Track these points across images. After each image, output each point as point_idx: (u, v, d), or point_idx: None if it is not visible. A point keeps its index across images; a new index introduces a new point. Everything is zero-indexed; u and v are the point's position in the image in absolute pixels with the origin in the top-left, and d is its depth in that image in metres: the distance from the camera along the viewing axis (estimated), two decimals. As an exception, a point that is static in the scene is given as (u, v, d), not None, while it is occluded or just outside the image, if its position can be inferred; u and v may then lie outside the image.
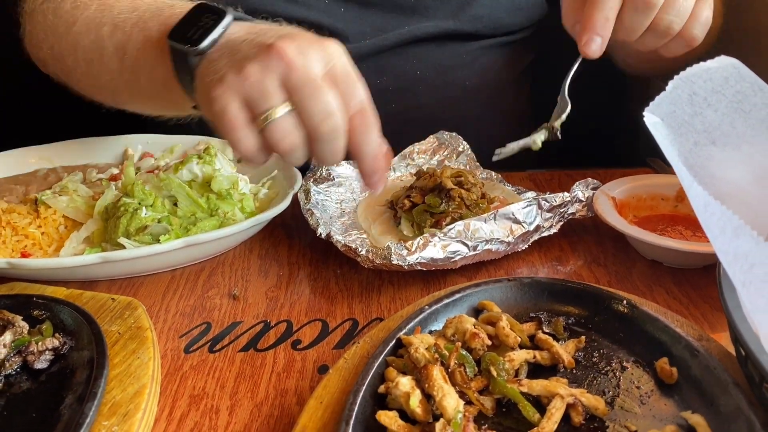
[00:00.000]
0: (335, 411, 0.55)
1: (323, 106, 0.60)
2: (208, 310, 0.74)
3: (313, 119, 0.60)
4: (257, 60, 0.60)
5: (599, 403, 0.55)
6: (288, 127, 0.60)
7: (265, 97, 0.60)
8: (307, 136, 0.61)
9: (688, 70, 0.54)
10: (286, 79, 0.59)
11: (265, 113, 0.60)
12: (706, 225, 0.48)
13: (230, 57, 0.63)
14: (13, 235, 0.81)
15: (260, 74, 0.59)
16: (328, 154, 0.63)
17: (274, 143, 0.61)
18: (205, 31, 0.66)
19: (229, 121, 0.61)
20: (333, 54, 0.62)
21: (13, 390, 0.60)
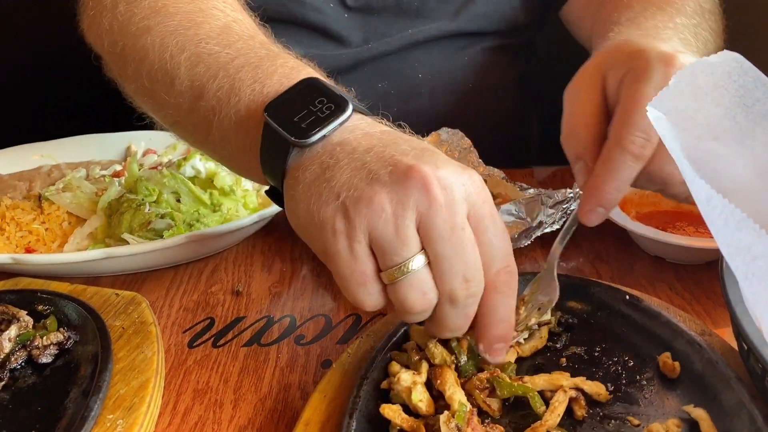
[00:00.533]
0: (339, 405, 0.56)
1: (469, 267, 0.49)
2: (211, 306, 0.74)
3: (453, 280, 0.48)
4: (393, 188, 0.47)
5: (600, 389, 0.56)
6: (426, 284, 0.49)
7: (403, 244, 0.47)
8: None
9: (690, 65, 0.54)
10: (425, 223, 0.47)
11: (400, 266, 0.47)
12: (709, 218, 0.48)
13: (353, 172, 0.49)
14: (17, 231, 0.81)
15: (398, 210, 0.47)
16: (455, 322, 0.51)
17: (402, 300, 0.49)
18: (316, 121, 0.52)
19: (355, 271, 0.49)
20: (477, 188, 0.50)
21: (18, 384, 0.60)
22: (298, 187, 0.52)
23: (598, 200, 0.60)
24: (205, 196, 0.82)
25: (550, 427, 0.53)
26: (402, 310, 0.50)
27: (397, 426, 0.52)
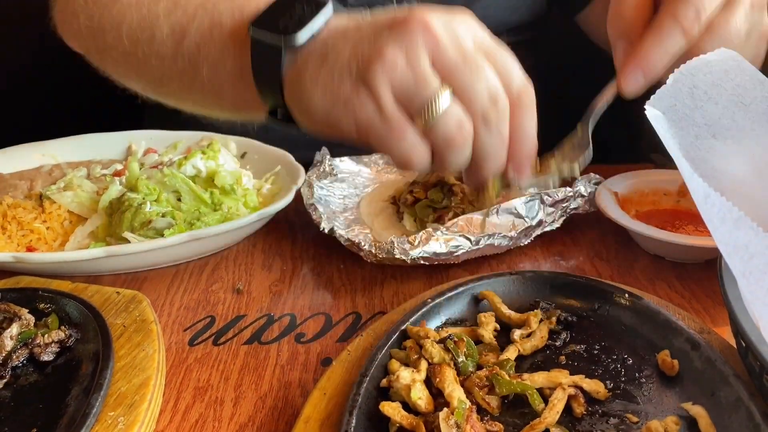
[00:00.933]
0: (339, 402, 0.56)
1: (490, 87, 0.50)
2: (212, 304, 0.74)
3: (479, 104, 0.50)
4: (398, 40, 0.48)
5: (599, 387, 0.56)
6: (459, 114, 0.50)
7: (425, 84, 0.49)
8: None
9: (688, 63, 0.54)
10: (439, 58, 0.49)
11: (430, 108, 0.49)
12: (707, 216, 0.48)
13: (354, 45, 0.51)
14: (18, 230, 0.81)
15: (409, 56, 0.48)
16: (494, 146, 0.53)
17: (446, 140, 0.50)
18: (299, 20, 0.54)
19: (392, 126, 0.49)
20: (475, 25, 0.53)
21: (20, 382, 0.61)
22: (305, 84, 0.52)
23: (641, 65, 0.59)
24: (205, 195, 0.82)
25: (549, 425, 0.53)
26: (447, 149, 0.51)
27: (396, 423, 0.53)
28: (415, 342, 0.60)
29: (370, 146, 0.53)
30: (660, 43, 0.58)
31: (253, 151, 0.99)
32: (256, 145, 1.00)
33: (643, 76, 0.59)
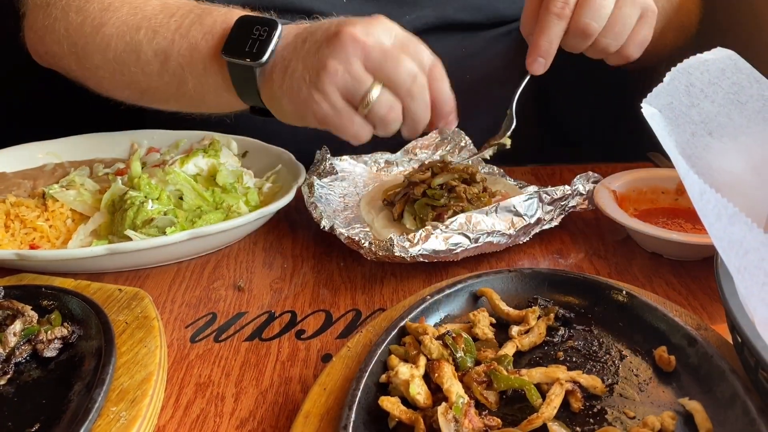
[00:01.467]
0: (338, 397, 0.56)
1: (408, 71, 0.67)
2: (213, 301, 0.75)
3: (404, 86, 0.68)
4: (335, 53, 0.66)
5: (596, 382, 0.56)
6: (389, 101, 0.68)
7: (360, 83, 0.66)
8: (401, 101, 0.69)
9: (685, 62, 0.54)
10: (367, 60, 0.66)
11: (366, 98, 0.67)
12: (702, 213, 0.49)
13: (303, 60, 0.68)
14: (21, 227, 0.82)
15: (346, 64, 0.66)
16: (420, 111, 0.71)
17: (381, 120, 0.69)
18: (261, 43, 0.71)
19: (342, 117, 0.68)
20: (389, 25, 0.69)
21: (24, 378, 0.61)
22: (275, 91, 0.71)
23: (538, 52, 0.81)
24: (207, 194, 0.83)
25: (547, 419, 0.53)
26: (383, 124, 0.70)
27: (395, 418, 0.53)
28: (414, 338, 0.61)
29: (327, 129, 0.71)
30: (545, 32, 0.79)
31: (254, 150, 1.00)
32: (257, 144, 1.00)
33: (543, 59, 0.81)
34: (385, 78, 0.67)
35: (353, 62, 0.66)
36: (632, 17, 0.81)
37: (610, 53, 0.84)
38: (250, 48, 0.71)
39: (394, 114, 0.69)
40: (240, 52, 0.72)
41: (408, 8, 1.07)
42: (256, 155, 1.00)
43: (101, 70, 0.86)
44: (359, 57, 0.66)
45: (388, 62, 0.67)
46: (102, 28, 0.83)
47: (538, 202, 0.82)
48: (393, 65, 0.67)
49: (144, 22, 0.81)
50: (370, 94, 0.67)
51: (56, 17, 0.87)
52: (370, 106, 0.68)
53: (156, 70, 0.80)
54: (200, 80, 0.78)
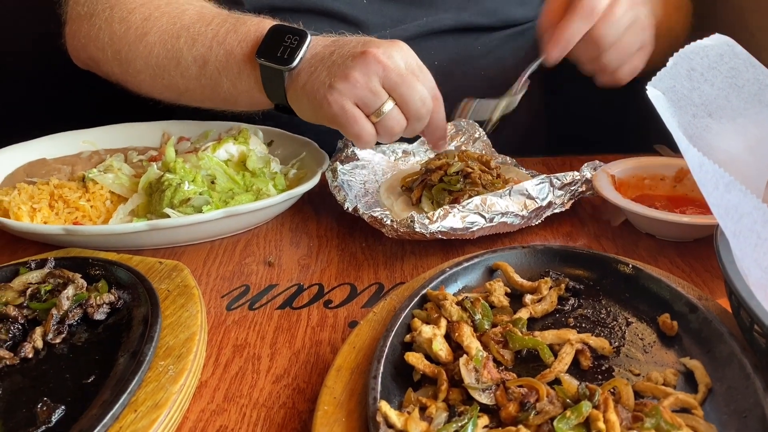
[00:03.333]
0: (367, 354, 0.62)
1: (420, 96, 0.78)
2: (246, 275, 0.80)
3: (414, 106, 0.79)
4: (358, 68, 0.76)
5: (605, 344, 0.61)
6: (397, 116, 0.79)
7: (376, 96, 0.77)
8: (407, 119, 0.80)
9: (686, 48, 0.59)
10: (385, 79, 0.77)
11: (379, 110, 0.78)
12: (701, 183, 0.54)
13: (328, 68, 0.79)
14: (64, 207, 0.87)
15: (366, 78, 0.76)
16: (419, 129, 0.83)
17: (388, 130, 0.80)
18: (291, 50, 0.81)
19: (351, 117, 0.77)
20: (407, 52, 0.80)
21: (76, 338, 0.67)
22: (298, 92, 0.81)
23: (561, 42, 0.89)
24: (238, 177, 0.89)
25: (559, 373, 0.58)
26: (388, 134, 0.80)
27: (420, 371, 0.58)
28: (435, 304, 0.66)
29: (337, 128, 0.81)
30: (569, 26, 0.87)
31: (280, 140, 1.05)
32: (281, 134, 1.06)
33: (563, 49, 0.90)
34: (399, 97, 0.78)
35: (373, 78, 0.76)
36: (635, 45, 0.91)
37: (607, 72, 0.94)
38: (282, 54, 0.81)
39: (399, 128, 0.80)
40: (272, 56, 0.81)
41: (426, 10, 1.13)
42: (280, 144, 1.05)
43: (142, 74, 0.95)
44: (379, 75, 0.76)
45: (404, 85, 0.77)
46: (145, 37, 0.92)
47: (549, 186, 0.87)
48: (407, 88, 0.77)
49: (183, 31, 0.90)
50: (384, 106, 0.77)
51: (100, 27, 0.96)
52: (382, 117, 0.78)
53: (195, 75, 0.90)
54: (234, 82, 0.87)
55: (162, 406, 0.56)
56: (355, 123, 0.78)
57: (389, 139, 0.82)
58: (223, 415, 0.59)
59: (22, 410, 0.57)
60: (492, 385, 0.55)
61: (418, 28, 1.12)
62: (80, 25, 1.00)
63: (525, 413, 0.52)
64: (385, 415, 0.52)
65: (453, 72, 1.16)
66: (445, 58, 1.16)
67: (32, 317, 0.68)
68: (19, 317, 0.67)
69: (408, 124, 0.81)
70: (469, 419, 0.51)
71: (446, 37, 1.15)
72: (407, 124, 0.81)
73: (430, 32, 1.13)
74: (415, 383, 0.59)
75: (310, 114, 0.83)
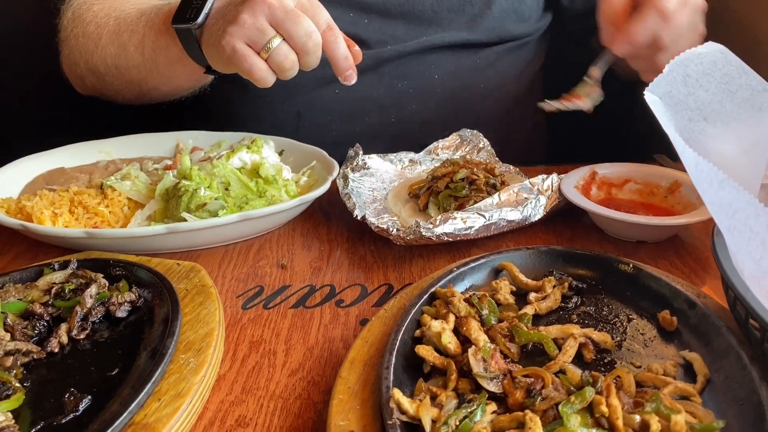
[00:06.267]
0: (379, 348, 0.64)
1: (305, 29, 0.82)
2: (260, 276, 0.83)
3: (300, 40, 0.82)
4: (245, 10, 0.81)
5: (607, 338, 0.64)
6: (285, 50, 0.83)
7: (263, 33, 0.81)
8: (297, 54, 0.84)
9: (682, 55, 0.63)
10: (271, 16, 0.81)
11: (266, 45, 0.82)
12: (697, 181, 0.57)
13: (223, 17, 0.84)
14: (84, 213, 0.90)
15: (253, 18, 0.81)
16: (313, 62, 0.85)
17: (278, 64, 0.83)
18: (197, 9, 0.88)
19: (241, 55, 0.82)
20: None
21: (99, 335, 0.69)
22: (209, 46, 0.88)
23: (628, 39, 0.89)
24: (251, 184, 0.92)
25: (563, 365, 0.61)
26: (279, 70, 0.84)
27: (430, 363, 0.61)
28: (443, 301, 0.69)
29: (236, 71, 0.85)
30: (642, 21, 0.87)
31: (290, 149, 1.09)
32: (292, 144, 1.09)
33: (630, 45, 0.89)
34: (285, 32, 0.82)
35: (260, 18, 0.81)
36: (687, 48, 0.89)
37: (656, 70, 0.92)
38: (189, 14, 0.88)
39: (289, 62, 0.83)
40: (182, 20, 0.88)
41: (426, 29, 1.17)
42: (291, 153, 1.09)
43: (107, 76, 1.05)
44: (265, 14, 0.81)
45: (288, 20, 0.81)
46: (99, 41, 1.02)
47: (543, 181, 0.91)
48: (292, 23, 0.81)
49: (124, 26, 1.00)
50: (271, 42, 0.81)
51: (72, 46, 1.07)
52: (270, 53, 0.82)
53: (139, 61, 1.00)
54: (166, 56, 0.97)
55: (184, 395, 0.59)
56: (245, 60, 0.82)
57: (283, 74, 0.85)
58: (242, 406, 0.62)
59: (51, 400, 0.60)
60: (499, 374, 0.58)
61: (420, 45, 1.16)
62: (63, 50, 1.11)
63: (531, 399, 0.54)
64: (398, 402, 0.54)
65: (453, 84, 1.20)
66: (445, 72, 1.20)
67: (57, 315, 0.71)
68: (45, 314, 0.70)
69: (300, 58, 0.84)
70: (478, 405, 0.54)
71: (447, 53, 1.19)
72: (299, 59, 0.84)
73: (432, 48, 1.17)
74: (425, 375, 0.61)
75: (217, 63, 0.89)
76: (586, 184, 0.96)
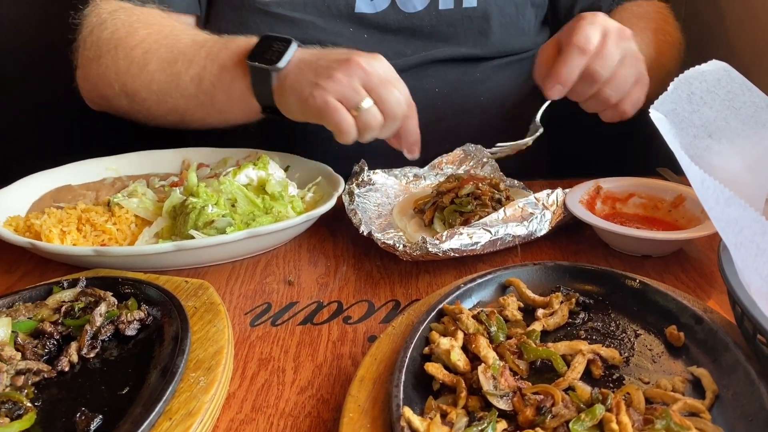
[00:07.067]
0: (388, 365, 0.65)
1: (396, 97, 0.87)
2: (267, 293, 0.84)
3: (390, 106, 0.87)
4: (342, 70, 0.85)
5: (615, 354, 0.64)
6: (375, 112, 0.87)
7: (356, 93, 0.85)
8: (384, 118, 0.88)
9: (686, 73, 0.63)
10: (366, 80, 0.86)
11: (358, 105, 0.85)
12: (703, 198, 0.57)
13: (314, 70, 0.87)
14: (92, 230, 0.91)
15: (348, 78, 0.85)
16: (392, 129, 0.91)
17: (366, 123, 0.87)
18: (279, 54, 0.90)
19: (333, 108, 0.85)
20: (385, 64, 0.89)
21: (108, 353, 0.70)
22: (285, 90, 0.89)
23: (557, 80, 0.93)
24: (258, 200, 0.92)
25: (572, 382, 0.61)
26: (365, 128, 0.87)
27: (439, 381, 0.61)
28: (451, 318, 0.69)
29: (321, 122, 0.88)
30: (565, 62, 0.92)
31: (296, 165, 1.10)
32: (297, 160, 1.10)
33: (562, 86, 0.94)
34: (377, 97, 0.86)
35: (354, 79, 0.85)
36: (630, 77, 0.95)
37: (610, 105, 0.97)
38: (270, 56, 0.90)
39: (376, 122, 0.87)
40: (261, 59, 0.90)
41: (425, 42, 1.19)
42: (297, 169, 1.09)
43: (148, 101, 1.04)
44: (360, 77, 0.85)
45: (382, 87, 0.86)
46: (146, 67, 1.02)
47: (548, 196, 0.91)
48: (385, 90, 0.86)
49: (179, 56, 1.00)
50: (363, 103, 0.85)
51: (107, 66, 1.05)
52: (361, 112, 0.86)
53: (193, 92, 0.99)
54: (227, 91, 0.97)
55: (195, 414, 0.59)
56: (336, 113, 0.85)
57: (366, 134, 0.88)
58: (252, 424, 0.62)
59: (62, 420, 0.60)
60: (509, 392, 0.58)
61: (419, 59, 1.18)
62: (90, 67, 1.08)
63: (542, 417, 0.54)
64: (408, 420, 0.54)
65: (452, 97, 1.21)
66: (444, 85, 1.21)
67: (66, 333, 0.71)
68: (55, 333, 0.70)
69: (384, 123, 0.88)
70: (489, 423, 0.54)
71: (447, 66, 1.21)
72: (384, 123, 0.88)
73: (431, 62, 1.18)
74: (435, 392, 0.62)
75: (296, 110, 0.90)
76: (591, 198, 0.96)
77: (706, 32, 1.23)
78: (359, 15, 1.15)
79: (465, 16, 1.19)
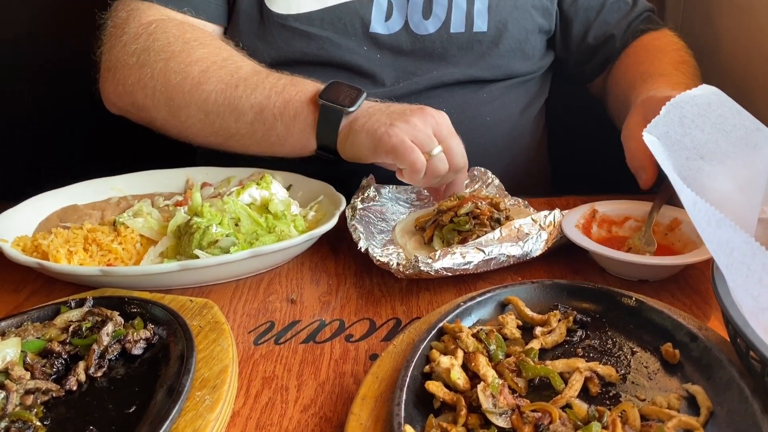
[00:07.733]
0: (389, 384, 0.66)
1: (461, 151, 0.97)
2: (270, 312, 0.85)
3: (456, 157, 0.97)
4: (417, 116, 0.94)
5: (611, 371, 0.65)
6: (444, 159, 0.96)
7: (430, 139, 0.94)
8: None
9: (678, 97, 0.65)
10: (437, 130, 0.95)
11: (430, 150, 0.94)
12: (696, 220, 0.59)
13: (388, 115, 0.96)
14: (98, 250, 0.93)
15: (423, 125, 0.94)
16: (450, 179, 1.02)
17: (435, 167, 0.95)
18: (352, 99, 0.99)
19: (409, 147, 0.92)
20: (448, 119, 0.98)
21: (115, 372, 0.71)
22: (354, 130, 0.97)
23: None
24: (261, 220, 0.94)
25: (569, 399, 0.62)
26: (434, 172, 0.95)
27: (439, 399, 0.63)
28: (451, 336, 0.71)
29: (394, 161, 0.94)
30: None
31: (298, 184, 1.11)
32: (299, 179, 1.12)
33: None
34: (447, 147, 0.95)
35: (428, 127, 0.94)
36: None
37: None
38: (343, 99, 0.98)
39: (443, 170, 0.96)
40: (334, 101, 0.98)
41: (436, 65, 1.21)
42: (299, 188, 1.11)
43: (192, 119, 1.06)
44: (433, 126, 0.94)
45: (451, 138, 0.96)
46: (201, 86, 1.03)
47: (545, 217, 0.93)
48: (454, 141, 0.96)
49: (241, 81, 1.03)
50: (435, 149, 0.94)
51: (152, 76, 1.06)
52: (432, 157, 0.94)
53: (250, 120, 1.03)
54: (289, 125, 1.01)
55: (201, 432, 0.60)
56: (411, 152, 0.91)
57: (433, 176, 0.96)
58: (256, 442, 0.63)
59: (70, 439, 0.61)
60: (508, 409, 0.59)
61: (429, 81, 1.20)
62: (129, 73, 1.08)
63: (540, 434, 0.56)
64: (409, 438, 0.56)
65: (459, 118, 1.23)
66: (452, 106, 1.23)
67: (74, 353, 0.73)
68: (63, 353, 0.72)
69: (448, 170, 0.96)
70: (488, 441, 0.55)
71: (454, 88, 1.23)
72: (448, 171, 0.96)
73: (440, 84, 1.21)
74: (435, 410, 0.63)
75: (366, 147, 0.96)
76: (587, 222, 0.97)
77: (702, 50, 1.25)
78: (374, 35, 1.18)
79: (475, 40, 1.21)
